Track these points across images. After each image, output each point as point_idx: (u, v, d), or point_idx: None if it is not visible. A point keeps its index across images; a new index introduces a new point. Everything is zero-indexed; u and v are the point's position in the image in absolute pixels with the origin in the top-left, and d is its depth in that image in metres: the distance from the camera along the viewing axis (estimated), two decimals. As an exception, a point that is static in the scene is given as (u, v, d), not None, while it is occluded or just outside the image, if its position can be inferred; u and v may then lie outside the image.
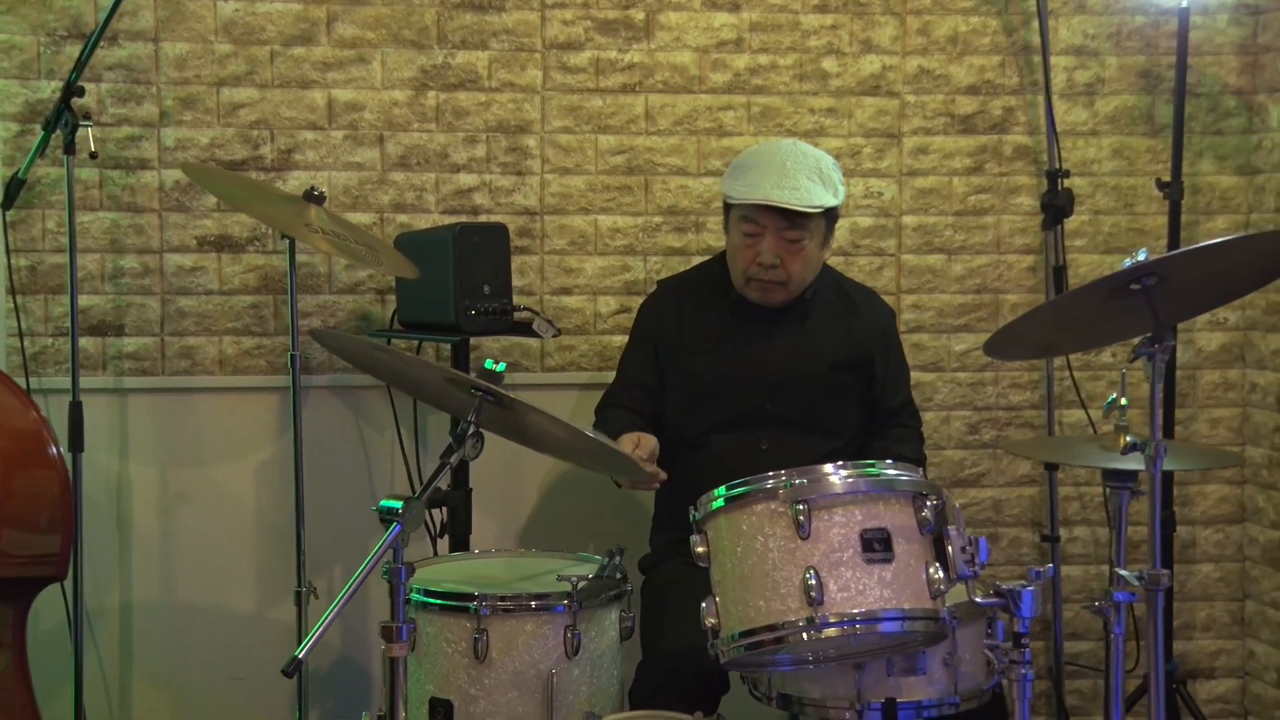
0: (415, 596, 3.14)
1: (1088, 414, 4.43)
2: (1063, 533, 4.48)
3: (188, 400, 4.16)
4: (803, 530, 2.74)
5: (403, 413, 4.17)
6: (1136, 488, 3.19)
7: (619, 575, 3.28)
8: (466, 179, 4.23)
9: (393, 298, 4.19)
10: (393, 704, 2.82)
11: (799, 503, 2.75)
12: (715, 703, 3.32)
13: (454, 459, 2.86)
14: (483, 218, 4.21)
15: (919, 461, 3.73)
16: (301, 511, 3.79)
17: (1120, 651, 3.13)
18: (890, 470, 2.87)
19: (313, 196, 3.60)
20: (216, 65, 4.10)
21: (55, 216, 4.04)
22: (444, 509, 3.90)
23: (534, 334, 3.95)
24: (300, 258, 4.10)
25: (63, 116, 3.74)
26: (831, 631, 2.73)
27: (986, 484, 4.49)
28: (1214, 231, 4.47)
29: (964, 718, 3.09)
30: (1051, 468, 4.43)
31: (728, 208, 3.70)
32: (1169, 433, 4.26)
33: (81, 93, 3.77)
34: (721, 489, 2.89)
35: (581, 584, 3.14)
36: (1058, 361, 4.42)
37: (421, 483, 4.14)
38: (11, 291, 4.02)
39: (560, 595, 3.14)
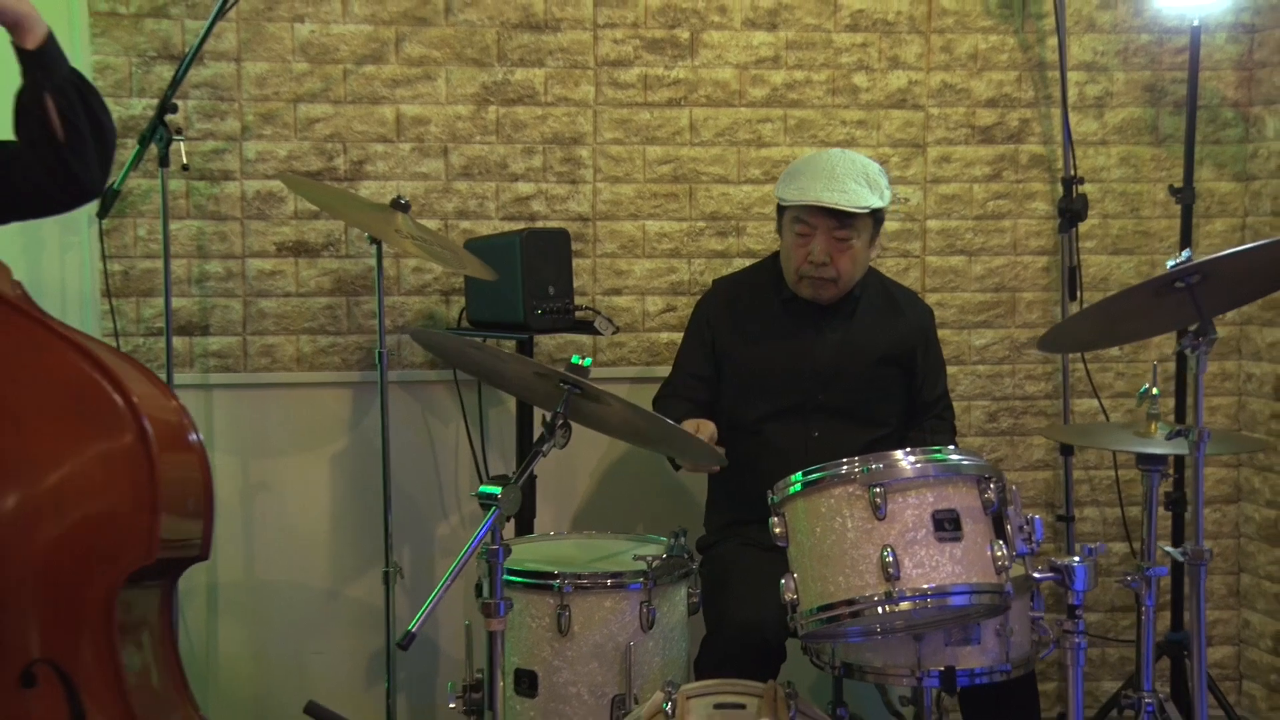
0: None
1: (1100, 403, 4.68)
2: (1074, 512, 4.72)
3: (268, 395, 4.38)
4: (879, 511, 2.93)
5: (468, 406, 4.39)
6: (1165, 470, 3.45)
7: (686, 554, 3.50)
8: (524, 187, 4.46)
9: (456, 298, 4.42)
10: (491, 675, 3.03)
11: (876, 486, 2.94)
12: (776, 671, 3.52)
13: (547, 448, 3.06)
14: (539, 223, 4.43)
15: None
16: (389, 497, 4.02)
17: (1151, 622, 3.36)
18: (955, 455, 3.04)
19: (399, 205, 3.83)
20: (294, 83, 4.32)
21: (145, 225, 4.26)
22: (510, 495, 4.12)
23: (594, 331, 4.16)
24: (368, 262, 4.34)
25: (158, 131, 3.96)
26: (906, 605, 2.90)
27: (1004, 468, 4.70)
28: (1213, 233, 4.74)
29: (999, 689, 3.28)
30: (1067, 452, 4.68)
31: (781, 211, 3.89)
32: (1180, 418, 4.50)
33: (175, 109, 3.99)
34: (799, 475, 3.07)
35: (656, 563, 3.35)
36: (1072, 354, 4.66)
37: (486, 471, 4.38)
38: (107, 294, 4.24)
39: (636, 573, 3.36)
